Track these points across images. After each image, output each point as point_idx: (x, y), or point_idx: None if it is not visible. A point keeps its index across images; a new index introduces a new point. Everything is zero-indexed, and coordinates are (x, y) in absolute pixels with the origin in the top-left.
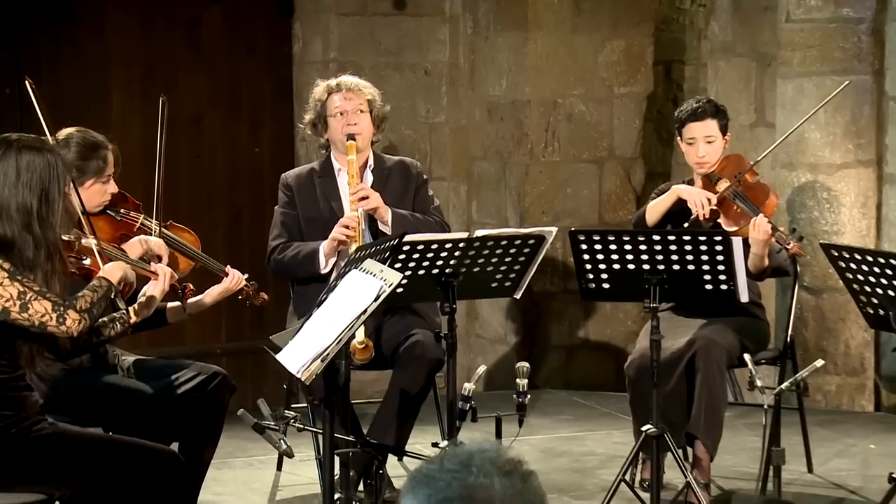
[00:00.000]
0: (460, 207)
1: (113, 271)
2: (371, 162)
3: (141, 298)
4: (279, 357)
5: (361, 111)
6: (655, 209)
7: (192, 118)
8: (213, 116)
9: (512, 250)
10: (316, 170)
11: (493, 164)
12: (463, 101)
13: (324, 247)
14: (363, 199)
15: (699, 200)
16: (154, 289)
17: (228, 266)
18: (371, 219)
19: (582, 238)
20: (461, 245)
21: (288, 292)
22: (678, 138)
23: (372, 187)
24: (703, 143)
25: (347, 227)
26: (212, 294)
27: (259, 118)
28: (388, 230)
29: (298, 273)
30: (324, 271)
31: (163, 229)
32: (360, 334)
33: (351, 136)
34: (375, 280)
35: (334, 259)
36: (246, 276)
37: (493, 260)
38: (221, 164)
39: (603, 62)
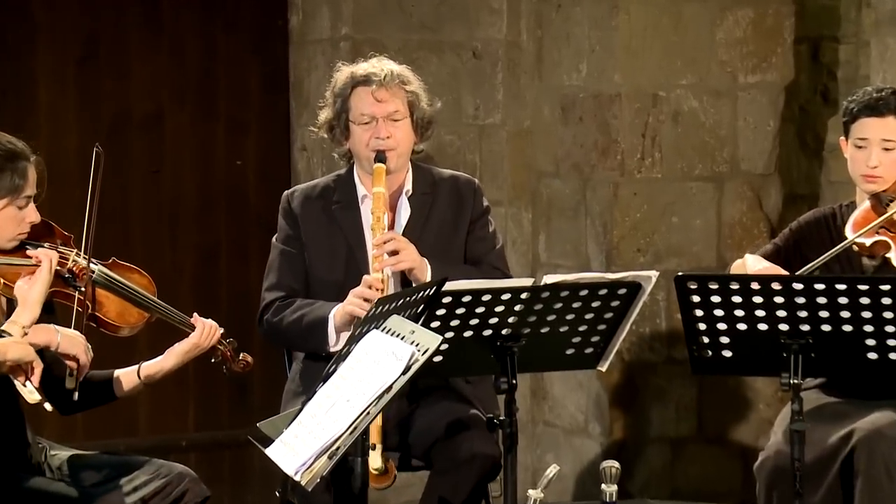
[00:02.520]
0: (523, 243)
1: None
2: (409, 185)
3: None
4: (270, 452)
5: (396, 118)
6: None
7: (150, 119)
8: (179, 116)
9: (595, 303)
10: (332, 190)
11: (568, 182)
12: (526, 95)
13: (335, 316)
14: (392, 252)
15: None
16: (32, 286)
17: (196, 315)
18: (404, 279)
19: (694, 286)
20: (524, 296)
21: (283, 359)
22: (843, 138)
23: (410, 222)
24: (877, 149)
25: (368, 297)
26: (175, 354)
27: (242, 119)
28: None
29: (299, 345)
30: (333, 349)
31: (101, 269)
32: (377, 459)
33: (380, 157)
34: (404, 345)
35: (349, 333)
36: (222, 330)
37: (569, 317)
38: (189, 181)
39: (723, 40)
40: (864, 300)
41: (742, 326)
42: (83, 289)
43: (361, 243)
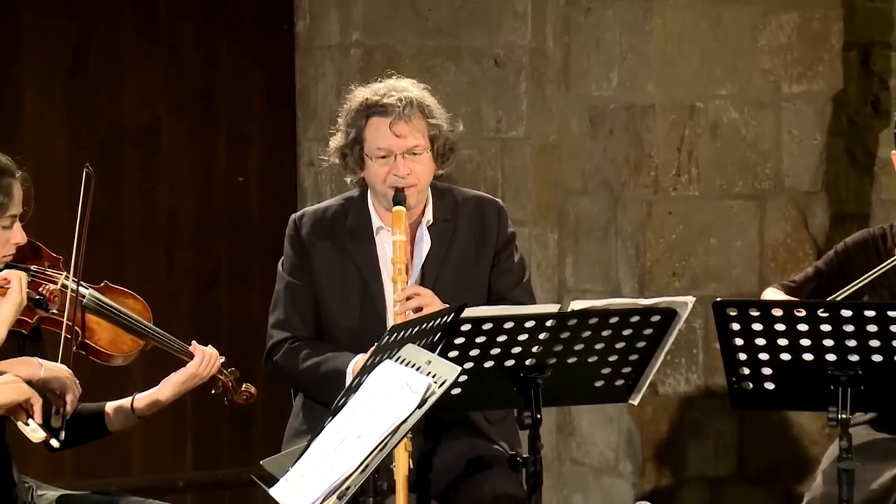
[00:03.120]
0: (548, 266)
1: None
2: (429, 214)
3: None
4: (275, 492)
5: (417, 153)
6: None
7: (144, 132)
8: (176, 129)
9: (627, 332)
10: (345, 217)
11: (597, 200)
12: (552, 106)
13: (354, 369)
14: (416, 309)
15: None
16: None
17: (195, 343)
18: None
19: (733, 313)
20: (549, 323)
21: (288, 393)
22: (894, 152)
23: (431, 255)
24: None
25: None
26: (171, 385)
27: (244, 131)
28: None
29: (311, 393)
30: (350, 380)
31: (92, 293)
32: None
33: (399, 197)
34: (419, 376)
35: None
36: (222, 358)
37: (599, 346)
38: (187, 199)
39: (766, 46)
40: None
41: (786, 356)
42: (55, 311)
43: (377, 277)
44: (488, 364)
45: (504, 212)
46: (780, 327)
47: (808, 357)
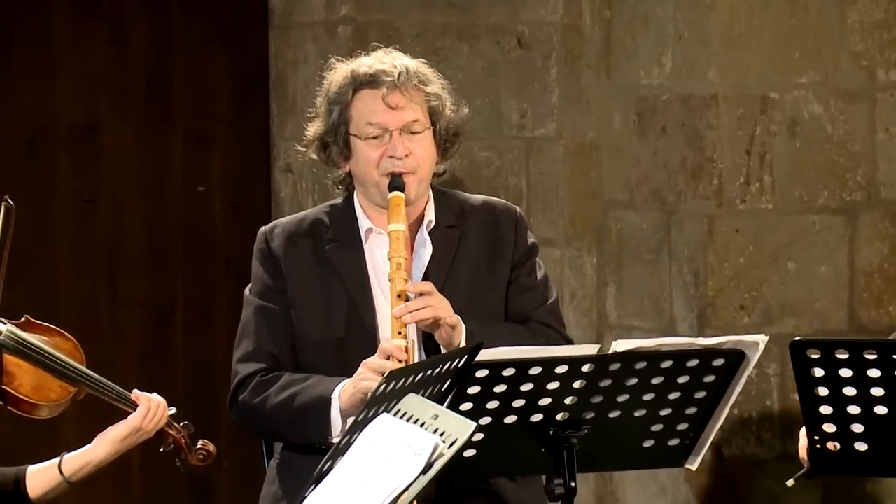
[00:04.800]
0: (585, 297)
1: None
2: (431, 215)
3: None
4: None
5: (416, 130)
6: None
7: (81, 131)
8: (120, 127)
9: (682, 379)
10: (326, 225)
11: (646, 214)
12: (590, 98)
13: (341, 396)
14: (417, 309)
15: None
16: None
17: (137, 391)
18: (430, 341)
19: (816, 355)
20: (586, 368)
21: (259, 450)
22: None
23: (433, 265)
24: None
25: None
26: (108, 441)
27: (205, 130)
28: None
29: (289, 434)
30: (337, 440)
31: (11, 330)
32: None
33: (396, 183)
34: (424, 434)
35: None
36: (172, 409)
37: (647, 397)
38: (134, 214)
39: (856, 23)
40: None
41: (881, 410)
42: None
43: (364, 289)
44: (510, 419)
45: (522, 219)
46: (874, 373)
47: None
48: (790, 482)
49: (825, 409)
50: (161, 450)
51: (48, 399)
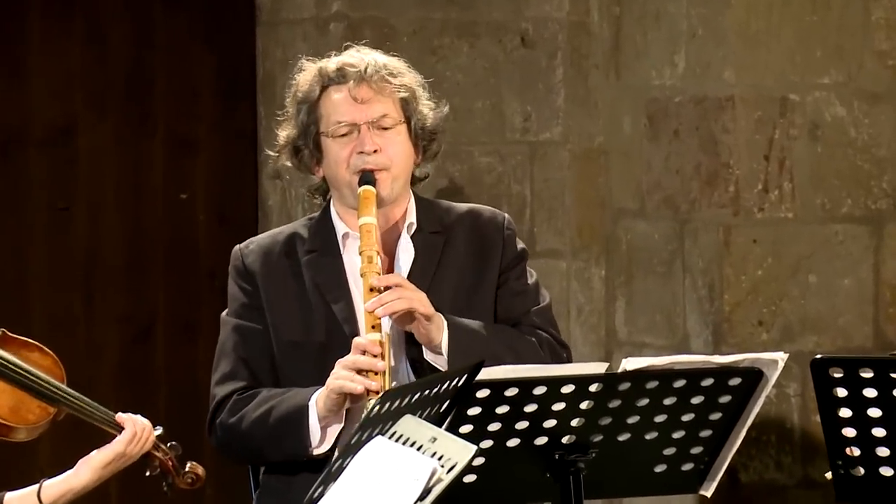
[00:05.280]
0: (593, 312)
1: None
2: (412, 217)
3: None
4: None
5: (387, 125)
6: None
7: (56, 134)
8: (98, 130)
9: (697, 400)
10: (302, 238)
11: (658, 223)
12: (598, 100)
13: (317, 402)
14: (390, 301)
15: None
16: None
17: (122, 414)
18: (410, 341)
19: (839, 374)
20: (594, 388)
21: (246, 477)
22: None
23: (416, 269)
24: None
25: (362, 367)
26: (91, 467)
27: (188, 133)
28: (443, 363)
29: (269, 451)
30: (318, 451)
31: None
32: None
33: (367, 178)
34: (422, 458)
35: (340, 427)
36: (158, 429)
37: (659, 419)
38: (112, 224)
39: (882, 20)
40: None
41: None
42: None
43: (346, 297)
44: (513, 442)
45: (511, 226)
46: None
47: None
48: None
49: (849, 432)
50: (147, 474)
51: (26, 421)
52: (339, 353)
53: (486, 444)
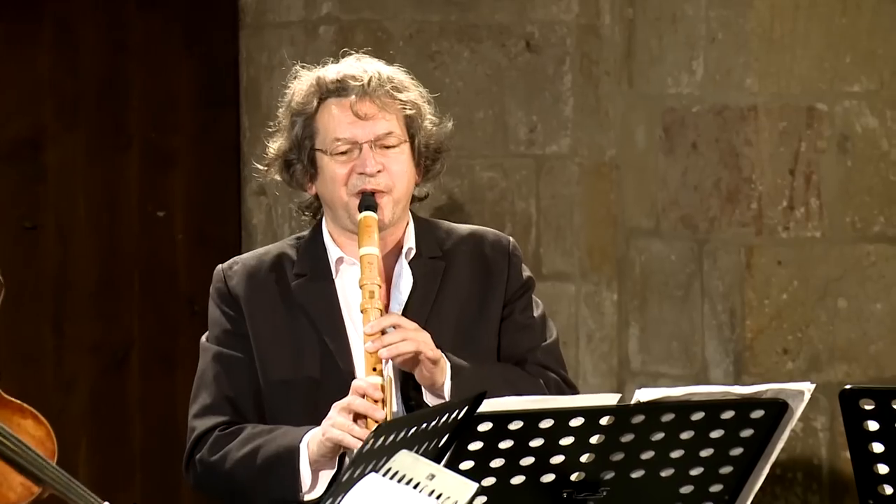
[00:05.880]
0: (604, 339)
1: None
2: (411, 242)
3: None
4: None
5: (390, 144)
6: None
7: (22, 147)
8: (67, 142)
9: (716, 434)
10: (291, 259)
11: (674, 244)
12: (610, 109)
13: (309, 445)
14: (395, 342)
15: None
16: None
17: None
18: (408, 381)
19: (870, 407)
20: (605, 421)
21: None
22: None
23: (414, 299)
24: None
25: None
26: None
27: (165, 145)
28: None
29: (254, 493)
30: (309, 496)
31: None
32: None
33: (368, 201)
34: (419, 496)
35: (333, 472)
36: None
37: (676, 455)
38: (83, 244)
39: None
40: None
41: None
42: None
43: (338, 329)
44: (517, 480)
45: (517, 251)
46: None
47: None
48: None
49: (881, 469)
50: None
51: (6, 500)
52: (332, 391)
53: (489, 481)
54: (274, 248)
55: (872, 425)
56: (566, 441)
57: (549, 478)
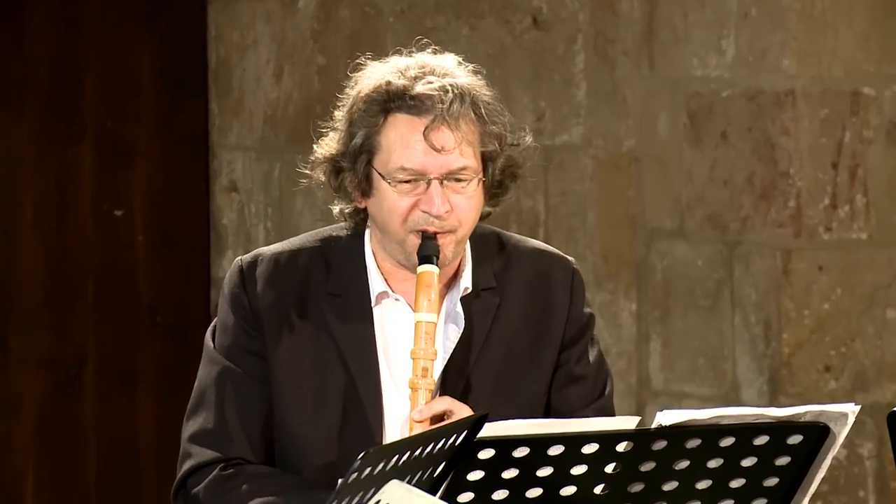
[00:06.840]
0: (622, 354)
1: None
2: (466, 279)
3: None
4: None
5: (463, 178)
6: None
7: None
8: (13, 133)
9: (748, 462)
10: (325, 268)
11: (701, 247)
12: (628, 94)
13: None
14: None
15: None
16: None
17: None
18: None
19: None
20: (622, 448)
21: None
22: None
23: (462, 346)
24: None
25: None
26: None
27: (124, 136)
28: None
29: None
30: None
31: None
32: None
33: (429, 248)
34: None
35: None
36: None
37: (703, 485)
38: (30, 247)
39: None
40: None
41: None
42: None
43: (371, 374)
44: None
45: (580, 279)
46: None
47: None
48: None
49: None
50: None
51: None
52: (355, 442)
53: None
54: (305, 245)
55: None
56: (578, 470)
57: None
